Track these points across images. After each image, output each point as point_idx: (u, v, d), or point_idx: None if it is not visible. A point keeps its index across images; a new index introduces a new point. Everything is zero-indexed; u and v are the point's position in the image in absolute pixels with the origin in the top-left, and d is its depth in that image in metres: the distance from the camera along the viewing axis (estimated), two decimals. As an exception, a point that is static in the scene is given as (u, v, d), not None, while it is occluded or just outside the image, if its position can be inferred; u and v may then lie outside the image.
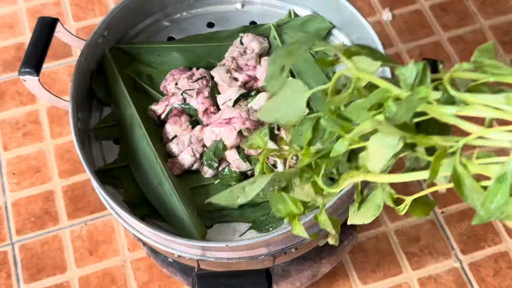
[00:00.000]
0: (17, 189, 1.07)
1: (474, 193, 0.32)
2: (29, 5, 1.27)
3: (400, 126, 0.32)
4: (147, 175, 0.78)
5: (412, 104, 0.32)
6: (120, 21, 0.86)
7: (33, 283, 0.99)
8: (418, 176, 0.36)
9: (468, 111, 0.33)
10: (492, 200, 0.30)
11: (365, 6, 1.23)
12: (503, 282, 0.97)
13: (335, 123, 0.37)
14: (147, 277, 0.99)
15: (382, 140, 0.34)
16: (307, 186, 0.39)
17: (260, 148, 0.40)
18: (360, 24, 0.81)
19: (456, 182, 0.33)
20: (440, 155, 0.33)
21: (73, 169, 1.08)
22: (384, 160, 0.35)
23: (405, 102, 0.33)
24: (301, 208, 0.42)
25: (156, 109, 0.82)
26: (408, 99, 0.33)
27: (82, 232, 1.03)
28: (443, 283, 0.97)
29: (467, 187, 0.32)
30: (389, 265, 0.99)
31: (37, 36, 0.78)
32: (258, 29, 0.89)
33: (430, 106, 0.34)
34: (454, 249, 1.00)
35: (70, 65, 1.19)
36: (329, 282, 0.97)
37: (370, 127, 0.35)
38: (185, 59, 0.87)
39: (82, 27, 1.24)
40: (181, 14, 0.92)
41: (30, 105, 1.15)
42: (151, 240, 0.73)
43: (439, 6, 1.23)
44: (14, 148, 1.11)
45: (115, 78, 0.84)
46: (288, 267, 0.86)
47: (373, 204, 0.40)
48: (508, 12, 1.22)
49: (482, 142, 0.33)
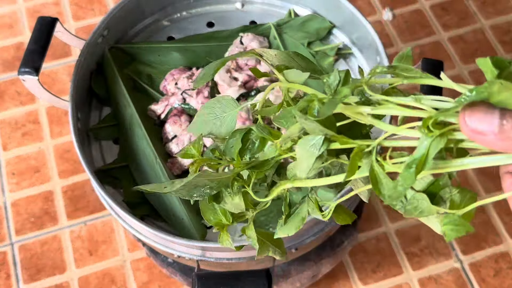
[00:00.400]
0: (16, 189, 1.07)
1: (390, 191, 0.35)
2: (28, 5, 1.27)
3: (324, 124, 0.35)
4: (146, 175, 0.78)
5: (334, 102, 0.35)
6: (120, 21, 0.86)
7: (32, 283, 0.99)
8: (336, 179, 0.39)
9: (381, 110, 0.36)
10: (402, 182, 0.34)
11: (365, 5, 1.23)
12: (503, 283, 0.97)
13: (265, 130, 0.39)
14: (147, 278, 0.99)
15: (307, 142, 0.37)
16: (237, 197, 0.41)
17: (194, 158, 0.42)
18: (360, 23, 0.81)
19: (374, 181, 0.36)
20: (357, 154, 0.36)
21: (72, 169, 1.08)
22: (310, 163, 0.37)
23: (328, 101, 0.36)
24: (229, 219, 0.44)
25: (156, 109, 0.82)
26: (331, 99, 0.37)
27: (82, 232, 1.03)
28: (443, 284, 0.97)
29: (383, 186, 0.35)
30: (389, 266, 0.98)
31: (36, 35, 0.77)
32: (258, 29, 0.89)
33: (349, 107, 0.37)
34: (454, 249, 0.99)
35: (70, 65, 1.19)
36: (329, 282, 0.97)
37: (297, 131, 0.38)
38: (185, 59, 0.87)
39: (82, 26, 1.23)
40: (180, 14, 0.92)
41: (30, 105, 1.15)
42: (150, 240, 0.73)
43: (440, 6, 1.23)
44: (14, 148, 1.11)
45: (114, 78, 0.83)
46: (288, 268, 0.86)
47: (299, 216, 0.42)
48: (509, 12, 1.22)
49: (395, 143, 0.36)
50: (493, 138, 0.32)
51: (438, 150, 0.33)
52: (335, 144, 0.37)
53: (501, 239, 1.00)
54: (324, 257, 0.87)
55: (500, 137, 0.31)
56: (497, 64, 0.33)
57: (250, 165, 0.40)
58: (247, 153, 0.40)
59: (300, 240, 0.73)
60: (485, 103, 0.32)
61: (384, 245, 1.00)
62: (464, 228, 0.35)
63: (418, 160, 0.33)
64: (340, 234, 0.87)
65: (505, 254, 0.99)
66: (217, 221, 0.44)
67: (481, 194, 1.04)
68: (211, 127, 0.42)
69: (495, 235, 1.00)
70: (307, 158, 0.37)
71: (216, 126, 0.42)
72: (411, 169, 0.33)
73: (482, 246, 0.99)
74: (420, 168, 0.33)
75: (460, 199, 0.36)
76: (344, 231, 0.87)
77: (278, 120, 0.40)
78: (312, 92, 0.38)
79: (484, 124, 0.31)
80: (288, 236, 0.43)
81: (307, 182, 0.39)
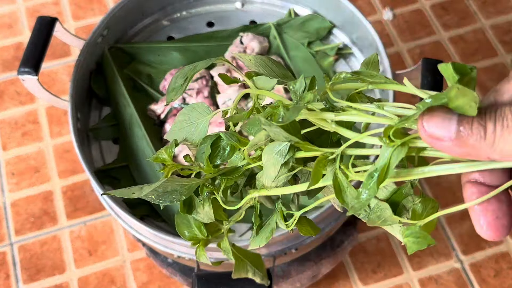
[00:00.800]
0: (16, 189, 1.07)
1: (353, 200, 0.35)
2: (28, 5, 1.27)
3: (288, 130, 0.35)
4: (146, 175, 0.78)
5: (298, 108, 0.35)
6: (120, 21, 0.86)
7: (32, 283, 0.99)
8: (300, 187, 0.39)
9: (345, 116, 0.36)
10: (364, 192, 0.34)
11: (365, 5, 1.23)
12: (504, 283, 0.96)
13: (233, 138, 0.39)
14: (146, 278, 0.98)
15: (273, 149, 0.37)
16: (207, 205, 0.41)
17: (165, 163, 0.42)
18: (360, 23, 0.81)
19: (337, 189, 0.36)
20: (321, 161, 0.36)
21: (72, 169, 1.08)
22: (275, 170, 0.37)
23: (293, 107, 0.36)
24: (204, 233, 0.43)
25: (155, 108, 0.82)
26: (296, 105, 0.37)
27: (82, 232, 1.02)
28: (444, 284, 0.97)
29: (346, 194, 0.35)
30: (389, 266, 0.98)
31: (36, 35, 0.77)
32: (258, 29, 0.88)
33: (313, 113, 0.37)
34: (455, 250, 0.99)
35: (69, 65, 1.18)
36: (330, 282, 0.97)
37: (263, 139, 0.38)
38: (185, 59, 0.87)
39: (81, 26, 1.23)
40: (180, 14, 0.92)
41: (29, 105, 1.15)
42: (150, 240, 0.73)
43: (440, 6, 1.23)
44: (13, 148, 1.10)
45: (114, 78, 0.83)
46: (288, 268, 0.86)
47: (269, 227, 0.42)
48: (509, 11, 1.21)
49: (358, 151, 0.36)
50: (451, 144, 0.31)
51: (399, 160, 0.32)
52: (300, 152, 0.37)
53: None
54: (324, 257, 0.87)
55: (457, 143, 0.31)
56: (459, 70, 0.32)
57: (220, 172, 0.40)
58: (218, 159, 0.40)
59: (300, 240, 0.73)
60: (444, 108, 0.31)
61: (384, 245, 1.00)
62: (425, 241, 0.35)
63: (380, 169, 0.33)
64: (340, 234, 0.87)
65: (506, 254, 0.99)
66: (191, 236, 0.43)
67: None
68: (185, 134, 0.42)
69: (496, 235, 1.00)
70: (272, 166, 0.37)
71: (191, 133, 0.42)
72: (373, 179, 0.33)
73: (482, 246, 0.99)
74: (382, 178, 0.33)
75: (422, 209, 0.36)
76: (344, 231, 0.87)
77: (245, 127, 0.40)
78: (278, 99, 0.38)
79: (441, 130, 0.31)
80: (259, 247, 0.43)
81: (273, 191, 0.39)
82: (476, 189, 0.35)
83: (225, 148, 0.40)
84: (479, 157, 0.32)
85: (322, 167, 0.36)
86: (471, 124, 0.31)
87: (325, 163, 0.36)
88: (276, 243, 0.71)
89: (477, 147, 0.31)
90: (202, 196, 0.40)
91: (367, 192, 0.33)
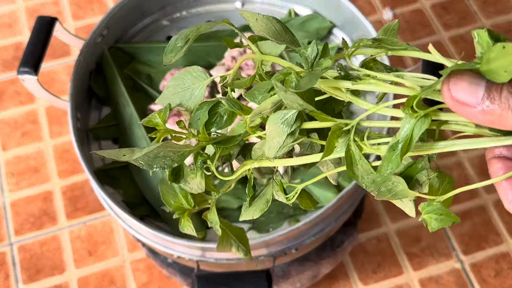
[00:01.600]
0: (16, 189, 1.06)
1: (365, 174, 0.34)
2: (28, 4, 1.26)
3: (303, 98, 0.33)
4: (146, 175, 0.77)
5: (315, 74, 0.33)
6: (120, 20, 0.86)
7: (31, 283, 0.98)
8: (312, 158, 0.37)
9: (363, 85, 0.34)
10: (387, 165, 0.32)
11: (365, 5, 1.23)
12: (504, 283, 0.96)
13: (235, 105, 0.37)
14: (146, 278, 0.98)
15: (278, 118, 0.35)
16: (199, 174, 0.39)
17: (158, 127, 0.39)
18: (360, 23, 0.81)
19: (349, 162, 0.34)
20: (335, 131, 0.34)
21: (72, 169, 1.07)
22: (280, 140, 0.35)
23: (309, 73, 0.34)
24: (191, 203, 0.41)
25: (155, 108, 0.82)
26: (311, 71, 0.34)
27: (81, 232, 1.02)
28: (444, 284, 0.97)
29: (358, 168, 0.34)
30: (390, 266, 0.98)
31: (35, 35, 0.77)
32: (258, 29, 0.88)
33: (327, 81, 0.35)
34: (455, 250, 0.99)
35: (69, 65, 1.18)
36: (330, 283, 0.97)
37: (269, 107, 0.35)
38: (185, 59, 0.86)
39: (81, 26, 1.23)
40: (180, 13, 0.92)
41: (29, 105, 1.15)
42: (150, 240, 0.73)
43: (440, 6, 1.23)
44: (13, 148, 1.10)
45: (114, 78, 0.83)
46: (288, 268, 0.86)
47: (264, 199, 0.40)
48: (509, 11, 1.21)
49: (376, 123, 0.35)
50: (475, 111, 0.30)
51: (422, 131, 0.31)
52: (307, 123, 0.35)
53: (501, 239, 1.00)
54: (324, 257, 0.87)
55: (483, 110, 0.30)
56: (493, 36, 0.31)
57: (216, 140, 0.38)
58: (214, 126, 0.38)
59: (300, 241, 0.73)
60: (472, 73, 0.30)
61: (384, 246, 1.00)
62: (449, 218, 0.33)
63: (402, 141, 0.31)
64: (340, 235, 0.87)
65: (506, 254, 0.98)
66: (177, 205, 0.41)
67: (483, 194, 1.04)
68: (180, 99, 0.39)
69: (496, 235, 1.00)
70: (277, 136, 0.35)
71: (185, 98, 0.39)
72: (395, 151, 0.31)
73: (482, 246, 0.99)
74: (405, 150, 0.31)
75: (438, 184, 0.35)
76: (345, 231, 0.87)
77: (250, 94, 0.37)
78: (288, 65, 0.36)
79: (468, 95, 0.30)
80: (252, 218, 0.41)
81: (276, 161, 0.37)
82: (502, 164, 0.34)
83: (223, 116, 0.38)
84: (504, 126, 0.30)
85: (335, 138, 0.35)
86: (500, 92, 0.30)
87: (339, 134, 0.35)
88: (276, 243, 0.71)
89: (504, 116, 0.30)
90: (196, 165, 0.38)
91: (390, 165, 0.32)
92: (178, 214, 0.42)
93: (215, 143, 0.38)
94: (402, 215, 1.01)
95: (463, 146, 0.33)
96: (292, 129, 0.35)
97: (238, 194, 0.76)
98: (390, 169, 0.32)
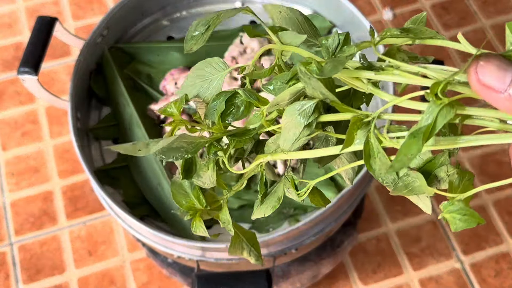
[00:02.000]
0: (16, 189, 1.06)
1: (383, 168, 0.33)
2: (28, 4, 1.26)
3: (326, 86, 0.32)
4: (146, 175, 0.77)
5: (340, 61, 0.32)
6: (120, 20, 0.86)
7: (32, 283, 0.98)
8: (329, 151, 0.36)
9: (386, 76, 0.33)
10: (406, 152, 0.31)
11: (365, 5, 1.23)
12: (504, 283, 0.96)
13: (252, 95, 0.36)
14: (146, 278, 0.98)
15: (296, 109, 0.34)
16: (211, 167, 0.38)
17: (173, 117, 0.38)
18: (360, 23, 0.81)
19: (367, 155, 0.33)
20: (355, 123, 0.33)
21: (72, 169, 1.07)
22: (297, 132, 0.34)
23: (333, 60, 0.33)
24: (203, 203, 0.40)
25: (155, 108, 0.82)
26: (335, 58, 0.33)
27: (81, 232, 1.02)
28: (444, 284, 0.97)
29: (376, 161, 0.33)
30: (389, 266, 0.98)
31: (36, 35, 0.77)
32: (258, 29, 0.88)
33: (348, 71, 0.34)
34: (455, 250, 0.99)
35: (69, 65, 1.18)
36: (330, 282, 0.97)
37: (287, 98, 0.35)
38: (185, 59, 0.86)
39: (81, 26, 1.23)
40: (180, 13, 0.92)
41: (29, 105, 1.15)
42: (150, 240, 0.73)
43: (440, 6, 1.23)
44: (13, 148, 1.10)
45: (114, 78, 0.83)
46: (288, 268, 0.86)
47: (276, 196, 0.39)
48: (509, 11, 1.21)
49: (397, 116, 0.33)
50: (502, 97, 0.29)
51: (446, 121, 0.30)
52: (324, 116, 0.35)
53: (501, 239, 1.00)
54: (324, 257, 0.87)
55: (510, 97, 0.29)
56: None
57: (231, 132, 0.37)
58: (230, 117, 0.37)
59: (300, 241, 0.73)
60: (501, 57, 0.29)
61: (384, 246, 1.00)
62: (474, 219, 0.32)
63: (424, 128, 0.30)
64: (340, 235, 0.87)
65: (506, 254, 0.98)
66: (189, 205, 0.40)
67: (483, 194, 1.04)
68: (198, 90, 0.39)
69: (496, 235, 1.00)
70: (294, 127, 0.34)
71: (203, 89, 0.39)
72: (415, 138, 0.30)
73: (482, 246, 0.99)
74: (428, 136, 0.30)
75: (458, 181, 0.34)
76: (344, 231, 0.87)
77: (268, 85, 0.37)
78: (308, 55, 0.35)
79: (495, 80, 0.29)
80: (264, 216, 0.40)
81: (291, 154, 0.36)
82: None
83: (240, 106, 0.37)
84: None
85: (355, 130, 0.33)
86: None
87: (359, 126, 0.34)
88: (276, 243, 0.71)
89: None
90: (209, 156, 0.38)
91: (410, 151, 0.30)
92: (191, 215, 0.41)
93: (230, 135, 0.37)
94: (402, 215, 1.01)
95: (487, 141, 0.32)
96: (309, 121, 0.34)
97: (239, 193, 0.76)
98: (410, 154, 0.30)
